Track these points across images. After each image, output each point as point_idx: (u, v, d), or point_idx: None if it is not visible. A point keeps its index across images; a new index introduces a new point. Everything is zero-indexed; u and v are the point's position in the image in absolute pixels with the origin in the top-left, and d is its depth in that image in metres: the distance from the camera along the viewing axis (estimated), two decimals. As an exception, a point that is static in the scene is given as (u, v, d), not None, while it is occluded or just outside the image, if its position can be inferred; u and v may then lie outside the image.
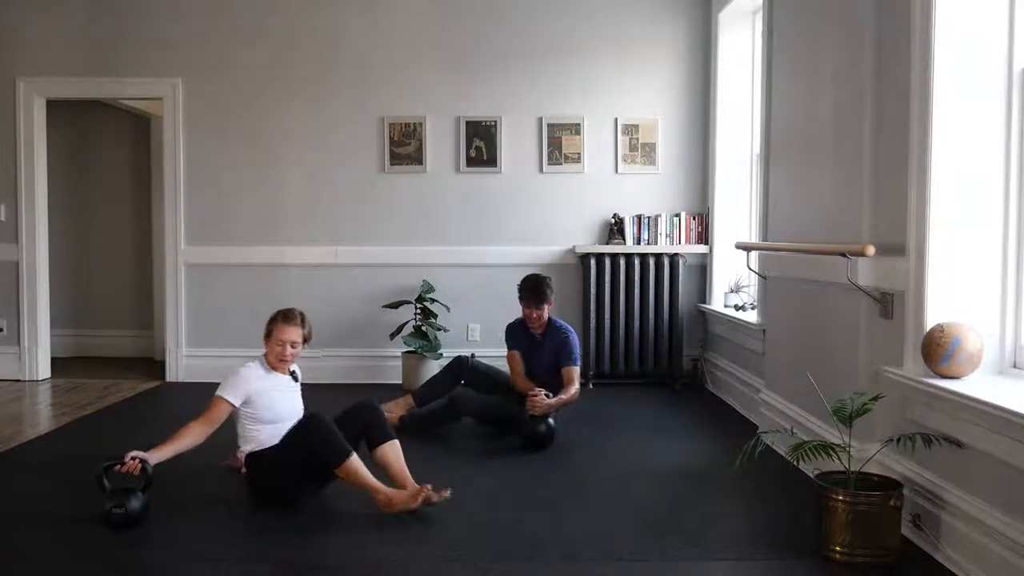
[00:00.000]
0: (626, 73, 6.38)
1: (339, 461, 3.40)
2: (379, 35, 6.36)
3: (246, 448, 3.63)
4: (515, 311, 4.96)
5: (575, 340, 4.94)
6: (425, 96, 6.38)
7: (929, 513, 3.06)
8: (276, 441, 3.57)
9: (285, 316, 3.73)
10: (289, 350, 3.71)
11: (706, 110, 6.38)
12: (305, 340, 3.77)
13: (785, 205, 4.60)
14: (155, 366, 6.92)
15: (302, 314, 3.78)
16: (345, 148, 6.40)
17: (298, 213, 6.43)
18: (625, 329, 6.26)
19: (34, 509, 3.60)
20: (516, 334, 5.07)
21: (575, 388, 4.77)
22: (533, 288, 4.90)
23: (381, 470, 3.57)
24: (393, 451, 3.63)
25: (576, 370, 4.85)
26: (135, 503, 3.27)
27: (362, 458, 3.51)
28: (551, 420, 4.52)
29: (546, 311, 4.94)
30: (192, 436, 3.52)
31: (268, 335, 3.74)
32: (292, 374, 3.84)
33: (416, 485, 3.47)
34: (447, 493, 3.47)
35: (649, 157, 6.41)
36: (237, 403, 3.61)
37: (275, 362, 3.74)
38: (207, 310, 6.45)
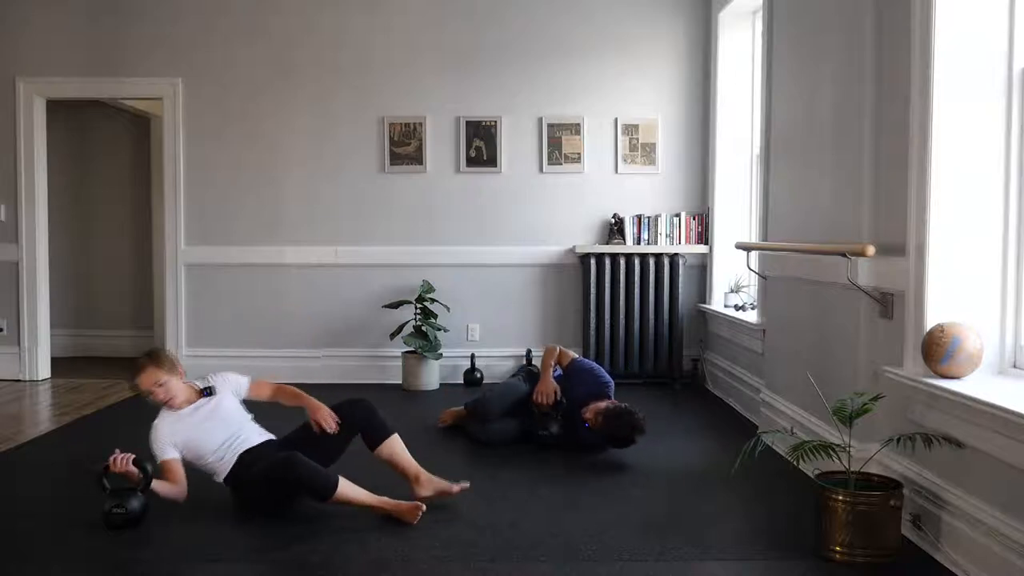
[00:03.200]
0: (626, 73, 6.38)
1: (328, 495, 3.30)
2: (379, 35, 6.36)
3: (218, 479, 3.50)
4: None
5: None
6: (425, 96, 6.37)
7: (929, 513, 3.06)
8: (232, 457, 3.46)
9: (134, 371, 3.53)
10: (160, 394, 3.48)
11: (706, 110, 6.37)
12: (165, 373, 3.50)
13: (785, 205, 4.60)
14: (155, 366, 6.91)
15: (148, 354, 3.57)
16: (345, 148, 6.40)
17: (298, 213, 6.42)
18: (625, 329, 6.26)
19: (34, 509, 3.60)
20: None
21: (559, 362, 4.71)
22: (623, 440, 4.35)
23: (389, 467, 3.57)
24: (397, 445, 3.60)
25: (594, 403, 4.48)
26: (135, 503, 3.27)
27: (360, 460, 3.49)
28: (553, 428, 4.51)
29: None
30: (172, 493, 3.40)
31: None
32: (204, 391, 3.60)
33: (427, 476, 3.47)
34: (464, 485, 3.51)
35: (649, 157, 6.41)
36: (177, 454, 3.46)
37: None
38: (207, 310, 6.45)
